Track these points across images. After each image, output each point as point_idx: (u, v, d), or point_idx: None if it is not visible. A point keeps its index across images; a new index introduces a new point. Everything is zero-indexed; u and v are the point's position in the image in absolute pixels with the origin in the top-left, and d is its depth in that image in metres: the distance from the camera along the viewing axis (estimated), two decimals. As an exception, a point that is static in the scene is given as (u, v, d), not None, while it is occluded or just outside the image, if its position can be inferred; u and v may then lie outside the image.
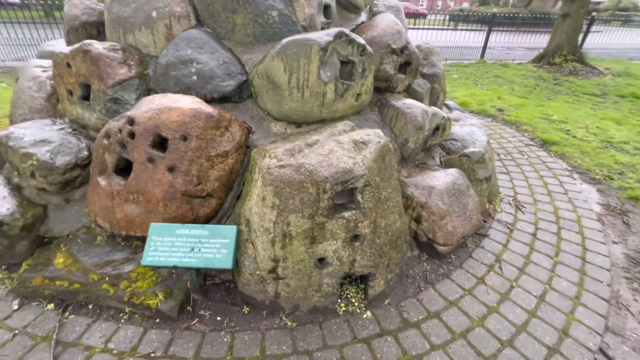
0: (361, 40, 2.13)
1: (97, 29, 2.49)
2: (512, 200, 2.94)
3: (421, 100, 3.03)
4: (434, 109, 2.63)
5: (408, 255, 2.23)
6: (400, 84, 2.77)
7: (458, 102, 5.62)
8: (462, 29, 14.99)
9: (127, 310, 1.77)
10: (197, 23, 2.36)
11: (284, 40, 1.96)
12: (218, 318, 1.76)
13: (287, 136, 2.12)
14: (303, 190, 1.50)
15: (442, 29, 12.45)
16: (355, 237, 1.67)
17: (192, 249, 1.67)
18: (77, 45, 2.14)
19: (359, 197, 1.60)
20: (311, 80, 1.95)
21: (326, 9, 2.60)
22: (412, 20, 14.13)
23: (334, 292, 1.77)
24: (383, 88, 2.72)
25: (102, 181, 1.94)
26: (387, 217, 1.75)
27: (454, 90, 6.54)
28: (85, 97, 2.20)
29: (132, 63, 2.20)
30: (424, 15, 25.51)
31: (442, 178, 2.30)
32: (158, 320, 1.74)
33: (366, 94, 2.34)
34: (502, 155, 3.77)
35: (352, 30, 2.86)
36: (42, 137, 2.08)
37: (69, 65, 2.19)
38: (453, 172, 2.39)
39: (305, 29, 2.48)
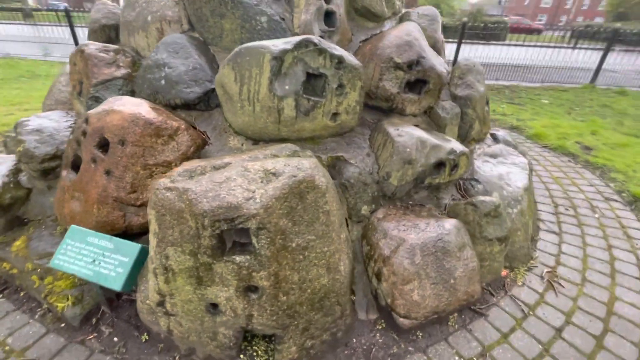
0: (337, 51, 1.79)
1: (115, 32, 2.66)
2: (547, 272, 2.17)
3: (443, 128, 2.50)
4: (441, 140, 2.10)
5: (362, 319, 1.78)
6: (411, 106, 2.31)
7: (532, 132, 4.63)
8: (581, 48, 12.61)
9: (44, 307, 1.77)
10: (190, 28, 2.33)
11: (238, 47, 1.76)
12: (115, 339, 1.63)
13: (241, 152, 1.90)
14: (182, 222, 1.26)
15: (557, 47, 10.62)
16: (252, 288, 1.36)
17: (94, 260, 1.57)
18: (80, 45, 2.30)
19: (254, 241, 1.28)
20: (262, 93, 1.70)
21: (329, 16, 2.31)
22: (521, 36, 12.55)
23: (231, 345, 1.47)
24: (385, 109, 2.30)
25: (64, 174, 2.01)
26: (305, 270, 1.39)
27: (534, 118, 5.44)
28: (81, 93, 2.34)
29: (122, 64, 2.26)
30: (538, 31, 22.53)
31: (423, 229, 1.79)
32: (63, 325, 1.69)
33: (348, 114, 1.98)
34: (561, 208, 2.89)
35: (364, 41, 2.51)
36: (39, 127, 2.27)
37: (75, 63, 2.37)
38: (447, 224, 1.84)
39: (299, 37, 2.24)
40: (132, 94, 2.29)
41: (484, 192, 2.28)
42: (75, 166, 1.98)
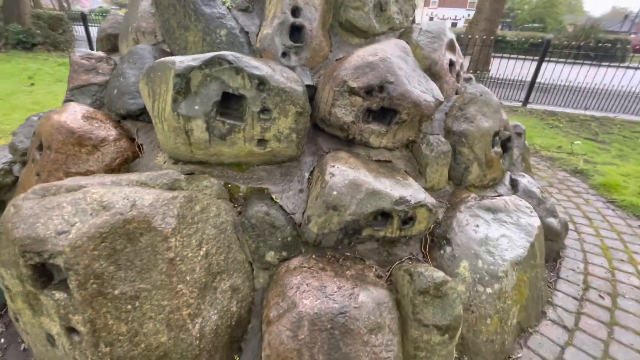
0: (257, 71, 1.56)
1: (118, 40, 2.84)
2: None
3: (424, 167, 2.06)
4: (393, 185, 1.69)
5: (242, 385, 1.50)
6: (376, 138, 1.94)
7: (600, 181, 3.64)
8: None
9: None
10: (163, 40, 2.33)
11: (154, 62, 1.65)
12: (2, 340, 1.65)
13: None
14: (7, 245, 1.18)
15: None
16: (73, 330, 1.21)
17: (-10, 260, 1.61)
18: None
19: (68, 281, 1.14)
20: (167, 112, 1.56)
21: (298, 31, 2.08)
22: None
23: (71, 382, 1.35)
24: (343, 138, 1.97)
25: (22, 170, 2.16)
26: (137, 322, 1.19)
27: (613, 162, 4.28)
28: (70, 96, 2.52)
29: (101, 71, 2.37)
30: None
31: (328, 295, 1.43)
32: (-27, 314, 1.78)
33: (281, 141, 1.73)
34: (592, 294, 2.12)
35: (339, 59, 2.21)
36: (32, 123, 2.52)
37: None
38: (365, 294, 1.45)
39: (259, 53, 2.06)
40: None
41: (450, 258, 1.77)
42: (32, 164, 2.11)
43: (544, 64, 7.30)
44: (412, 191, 1.71)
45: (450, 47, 2.43)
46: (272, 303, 1.46)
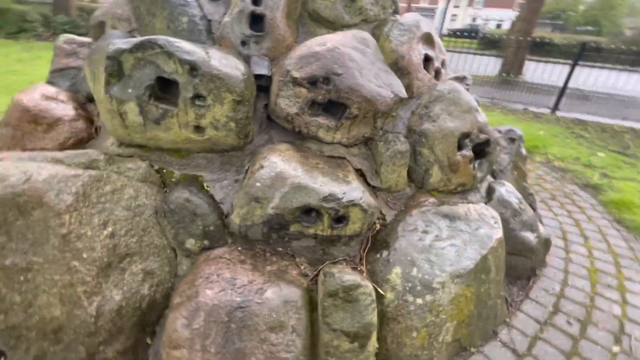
0: (189, 56, 1.55)
1: (111, 28, 2.95)
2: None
3: (379, 166, 1.96)
4: (328, 181, 1.61)
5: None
6: (326, 133, 1.87)
7: (612, 198, 3.28)
8: None
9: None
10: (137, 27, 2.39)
11: (94, 44, 1.68)
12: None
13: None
14: None
15: None
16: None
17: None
18: (62, 37, 2.62)
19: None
20: (101, 94, 1.59)
21: (261, 20, 2.05)
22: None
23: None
24: (290, 130, 1.91)
25: (6, 145, 2.31)
26: (30, 294, 1.23)
27: (635, 178, 3.83)
28: (57, 78, 2.67)
29: (81, 56, 2.48)
30: None
31: (234, 288, 1.39)
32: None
33: (218, 129, 1.71)
34: (558, 320, 1.90)
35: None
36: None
37: (63, 52, 2.72)
38: (272, 290, 1.40)
39: (219, 41, 2.06)
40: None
41: (384, 263, 1.66)
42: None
43: (584, 70, 6.71)
44: (348, 189, 1.62)
45: (427, 41, 2.29)
46: (180, 290, 1.45)
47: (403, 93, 1.99)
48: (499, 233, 1.87)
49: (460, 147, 2.07)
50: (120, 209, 1.41)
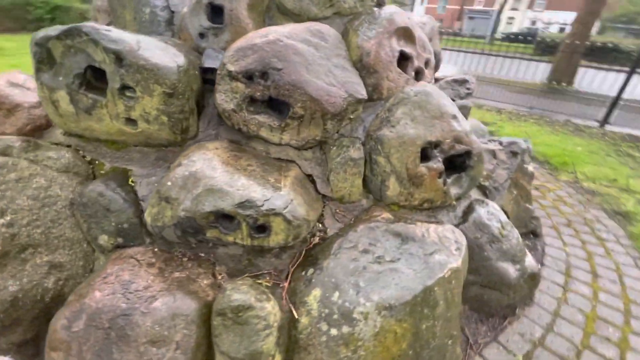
0: (114, 45, 1.49)
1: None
2: None
3: (329, 172, 1.78)
4: (251, 185, 1.46)
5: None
6: (270, 132, 1.73)
7: (645, 230, 2.75)
8: None
9: None
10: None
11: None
12: None
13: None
14: None
15: None
16: None
17: None
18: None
19: None
20: (35, 82, 1.59)
21: (221, 11, 1.95)
22: None
23: None
24: (230, 127, 1.79)
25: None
26: None
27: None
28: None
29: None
30: None
31: (125, 292, 1.29)
32: None
33: (150, 123, 1.64)
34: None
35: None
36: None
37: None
38: (162, 300, 1.29)
39: (178, 33, 2.00)
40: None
41: (306, 282, 1.47)
42: None
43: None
44: (272, 196, 1.46)
45: (405, 37, 2.04)
46: (78, 288, 1.39)
47: (361, 94, 1.78)
48: (455, 262, 1.59)
49: (427, 158, 1.81)
50: (24, 198, 1.38)
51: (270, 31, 1.66)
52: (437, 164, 1.81)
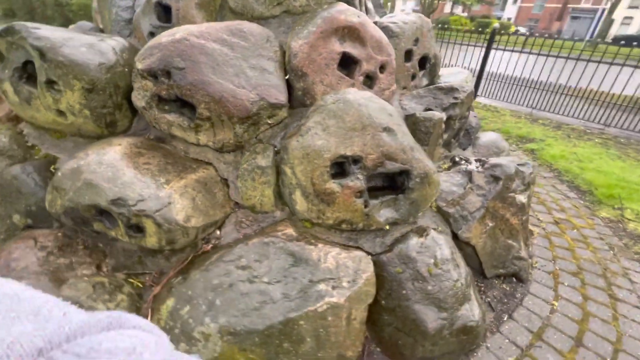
0: (38, 42, 1.61)
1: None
2: None
3: (237, 178, 1.72)
4: (117, 183, 1.46)
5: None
6: (187, 133, 1.72)
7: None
8: None
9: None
10: (109, 18, 2.63)
11: None
12: None
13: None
14: None
15: None
16: None
17: None
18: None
19: None
20: (-7, 73, 1.81)
21: (168, 11, 2.00)
22: None
23: None
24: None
25: None
26: None
27: None
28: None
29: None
30: None
31: None
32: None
33: (76, 115, 1.75)
34: None
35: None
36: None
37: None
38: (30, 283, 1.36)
39: (134, 32, 2.10)
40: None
41: (168, 290, 1.42)
42: None
43: None
44: (149, 197, 1.44)
45: (351, 37, 1.83)
46: (-20, 258, 1.54)
47: (276, 98, 1.65)
48: (338, 297, 1.37)
49: (344, 174, 1.61)
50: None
51: (180, 30, 1.63)
52: (355, 181, 1.59)
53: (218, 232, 1.67)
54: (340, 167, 1.63)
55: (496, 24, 6.44)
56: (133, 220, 1.43)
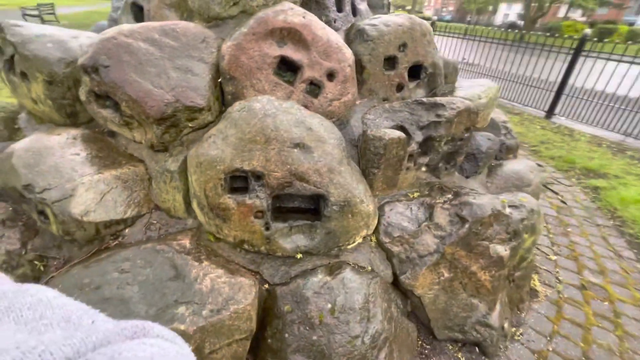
0: (12, 38, 1.82)
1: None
2: None
3: (152, 179, 1.72)
4: (40, 170, 1.55)
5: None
6: (124, 130, 1.79)
7: None
8: None
9: None
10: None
11: None
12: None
13: None
14: None
15: None
16: None
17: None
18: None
19: None
20: (-3, 63, 2.11)
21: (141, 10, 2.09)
22: None
23: None
24: (103, 120, 1.90)
25: None
26: None
27: None
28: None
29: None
30: None
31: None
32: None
33: (43, 104, 1.94)
34: None
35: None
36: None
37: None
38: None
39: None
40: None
41: (50, 281, 1.45)
42: None
43: None
44: (54, 188, 1.51)
45: (292, 40, 1.64)
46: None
47: (192, 101, 1.57)
48: (190, 326, 1.23)
49: (245, 190, 1.45)
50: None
51: (114, 28, 1.66)
52: (254, 199, 1.43)
53: (126, 231, 1.67)
54: (245, 182, 1.47)
55: (587, 30, 5.29)
56: (39, 206, 1.51)
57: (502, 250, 1.68)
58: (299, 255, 1.53)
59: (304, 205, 1.59)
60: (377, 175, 1.76)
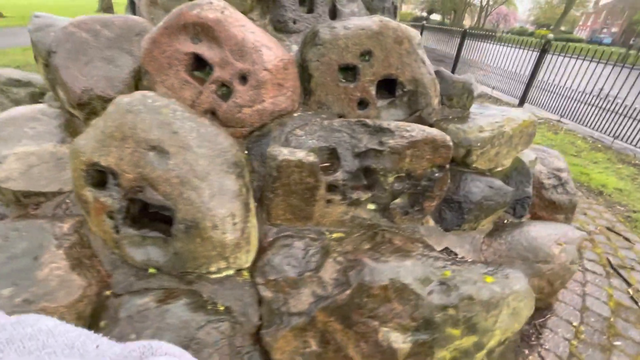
0: (31, 26, 2.16)
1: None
2: None
3: None
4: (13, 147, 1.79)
5: None
6: (73, 108, 1.96)
7: None
8: None
9: None
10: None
11: None
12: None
13: None
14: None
15: None
16: None
17: None
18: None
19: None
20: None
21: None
22: None
23: None
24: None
25: None
26: None
27: None
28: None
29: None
30: None
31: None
32: None
33: (46, 84, 2.27)
34: None
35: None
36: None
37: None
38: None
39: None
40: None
41: None
42: None
43: None
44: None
45: (207, 36, 1.49)
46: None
47: (103, 91, 1.60)
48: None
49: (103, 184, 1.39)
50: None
51: (74, 19, 1.80)
52: (107, 198, 1.35)
53: (45, 204, 1.79)
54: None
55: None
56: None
57: (399, 340, 1.19)
58: (153, 270, 1.38)
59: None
60: (274, 201, 1.46)
